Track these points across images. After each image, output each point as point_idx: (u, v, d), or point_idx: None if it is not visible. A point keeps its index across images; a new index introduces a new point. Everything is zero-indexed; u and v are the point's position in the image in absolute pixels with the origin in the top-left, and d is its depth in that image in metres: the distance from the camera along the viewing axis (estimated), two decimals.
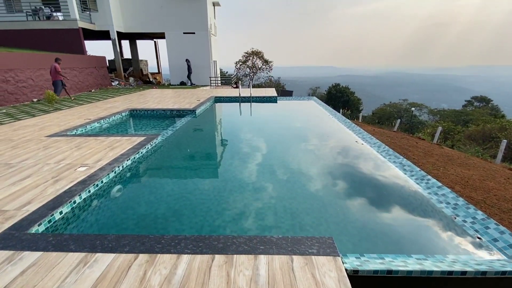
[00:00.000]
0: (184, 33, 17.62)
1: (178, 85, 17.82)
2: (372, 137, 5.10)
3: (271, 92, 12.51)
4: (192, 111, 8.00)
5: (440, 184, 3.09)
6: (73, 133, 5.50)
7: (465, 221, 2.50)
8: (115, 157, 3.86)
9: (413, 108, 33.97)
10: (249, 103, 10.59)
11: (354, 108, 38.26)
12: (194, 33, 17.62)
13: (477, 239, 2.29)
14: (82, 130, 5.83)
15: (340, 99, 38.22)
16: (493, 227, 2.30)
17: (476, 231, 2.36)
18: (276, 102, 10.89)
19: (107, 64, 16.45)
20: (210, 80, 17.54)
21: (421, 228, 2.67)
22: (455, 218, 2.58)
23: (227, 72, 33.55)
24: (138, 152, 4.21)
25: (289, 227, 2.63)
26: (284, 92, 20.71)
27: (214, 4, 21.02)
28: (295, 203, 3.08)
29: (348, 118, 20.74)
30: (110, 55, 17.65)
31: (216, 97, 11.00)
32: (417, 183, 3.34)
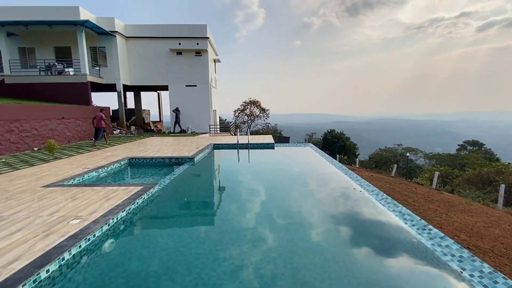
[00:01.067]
0: (186, 86, 18.85)
1: (178, 133, 18.34)
2: (370, 184, 5.11)
3: (269, 139, 12.86)
4: (190, 159, 8.10)
5: (442, 234, 3.02)
6: (70, 183, 5.47)
7: (472, 275, 2.39)
8: (110, 209, 3.80)
9: (408, 154, 34.53)
10: (247, 150, 10.80)
11: (351, 153, 38.83)
12: (195, 85, 18.86)
13: None
14: (79, 180, 5.82)
15: (336, 144, 39.03)
16: (501, 281, 2.19)
17: (485, 286, 2.24)
18: (273, 148, 11.12)
19: (111, 114, 17.15)
20: (210, 128, 18.13)
21: (429, 284, 2.52)
22: (462, 272, 2.46)
23: (226, 119, 34.89)
24: (134, 203, 4.15)
25: (290, 285, 2.48)
26: (281, 138, 21.23)
27: (215, 61, 22.96)
28: (295, 257, 2.95)
29: (346, 163, 20.95)
30: (115, 105, 18.55)
31: (215, 144, 11.26)
32: (419, 233, 3.25)
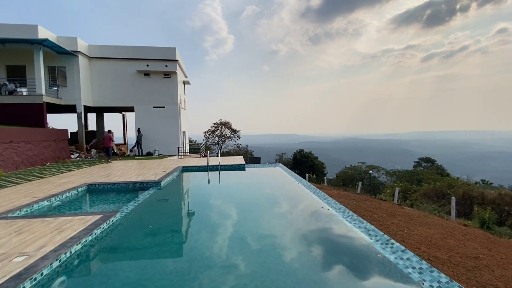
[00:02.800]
0: (154, 107, 18.40)
1: (144, 155, 17.53)
2: (337, 202, 5.29)
3: (239, 160, 12.85)
4: (157, 183, 7.73)
5: (403, 248, 3.19)
6: (16, 214, 4.85)
7: (432, 286, 2.53)
8: (62, 242, 3.41)
9: (371, 171, 36.63)
10: (218, 172, 10.63)
11: (319, 171, 40.16)
12: (164, 107, 18.50)
13: None
14: (26, 211, 5.19)
15: (305, 163, 40.18)
16: None
17: None
18: (244, 169, 11.10)
19: (69, 137, 15.93)
20: (179, 150, 17.65)
21: None
22: (423, 283, 2.60)
23: (196, 141, 34.32)
24: (92, 234, 3.79)
25: None
26: (252, 159, 21.34)
27: (184, 83, 22.94)
28: (267, 281, 2.88)
29: (315, 182, 21.52)
30: (75, 127, 17.33)
31: (184, 167, 10.92)
32: (383, 248, 3.40)
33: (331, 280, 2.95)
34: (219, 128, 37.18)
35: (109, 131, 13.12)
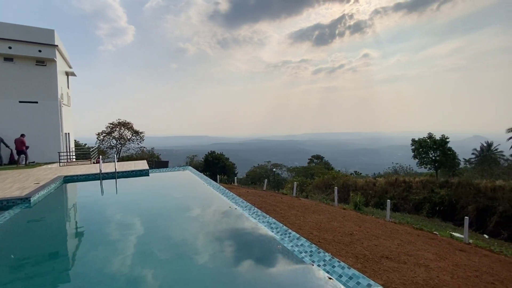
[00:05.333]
0: (20, 102, 14.34)
1: (6, 164, 13.42)
2: (244, 200, 5.50)
3: (142, 164, 11.61)
4: (24, 200, 6.00)
5: (298, 235, 3.59)
6: None
7: (319, 265, 2.94)
8: None
9: (274, 169, 40.39)
10: (114, 180, 9.25)
11: (231, 172, 41.21)
12: (36, 102, 14.68)
13: (329, 279, 2.71)
14: None
15: (217, 165, 40.40)
16: (337, 265, 2.80)
17: (327, 271, 2.81)
18: (148, 175, 10.09)
19: None
20: (60, 156, 14.38)
21: (292, 280, 2.91)
22: (313, 264, 2.99)
23: (85, 144, 28.93)
24: None
25: None
26: (158, 163, 19.81)
27: (67, 74, 18.92)
28: None
29: (226, 183, 21.88)
30: None
31: (66, 176, 8.95)
32: (282, 238, 3.74)
33: (240, 277, 3.01)
34: (117, 129, 32.63)
35: (23, 135, 13.14)
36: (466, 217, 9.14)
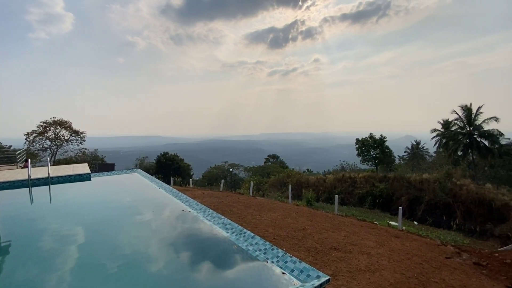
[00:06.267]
0: None
1: None
2: (198, 203, 5.35)
3: (82, 168, 10.43)
4: None
5: (253, 234, 3.63)
6: None
7: (273, 262, 3.01)
8: None
9: (231, 169, 40.28)
10: (48, 186, 8.12)
11: (186, 173, 39.77)
12: None
13: (282, 274, 2.80)
14: None
15: (170, 167, 38.55)
16: (289, 260, 2.91)
17: (281, 267, 2.89)
18: (89, 179, 9.10)
19: None
20: None
21: (247, 278, 2.92)
22: (267, 261, 3.05)
23: (11, 146, 24.88)
24: None
25: None
26: (103, 166, 18.11)
27: None
28: None
29: (181, 185, 21.02)
30: None
31: None
32: (237, 238, 3.74)
33: (195, 281, 2.92)
34: (52, 128, 28.81)
35: None
36: (400, 207, 10.39)
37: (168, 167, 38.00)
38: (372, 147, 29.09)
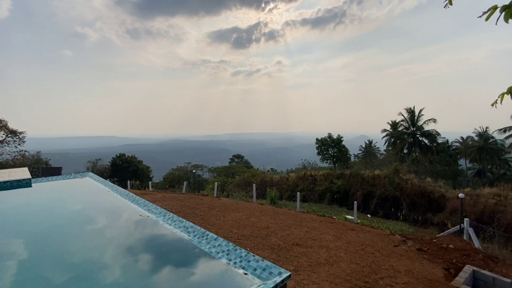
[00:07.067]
0: None
1: None
2: (158, 207, 5.09)
3: (21, 173, 9.20)
4: None
5: (216, 236, 3.57)
6: None
7: (235, 262, 3.00)
8: None
9: (194, 170, 39.28)
10: None
11: (145, 176, 37.65)
12: None
13: (245, 275, 2.80)
14: None
15: (127, 169, 36.13)
16: (252, 259, 2.93)
17: (243, 267, 2.90)
18: (30, 186, 8.06)
19: None
20: None
21: (209, 281, 2.86)
22: (229, 263, 3.03)
23: None
24: None
25: None
26: (47, 170, 16.31)
27: None
28: None
29: (139, 188, 19.82)
30: None
31: None
32: (200, 241, 3.65)
33: None
34: None
35: None
36: (355, 202, 11.17)
37: (124, 170, 35.57)
38: (331, 146, 30.82)
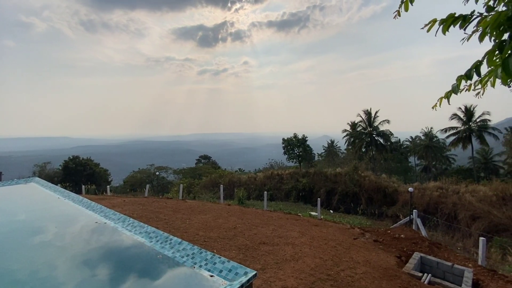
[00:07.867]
0: None
1: None
2: (116, 212, 4.75)
3: None
4: None
5: (180, 240, 3.45)
6: None
7: (201, 266, 2.93)
8: None
9: (157, 172, 37.60)
10: None
11: (102, 180, 35.03)
12: None
13: (211, 277, 2.75)
14: None
15: (82, 173, 33.25)
16: (218, 261, 2.88)
17: (209, 270, 2.84)
18: None
19: None
20: None
21: (174, 287, 2.75)
22: (194, 266, 2.95)
23: None
24: None
25: None
26: None
27: None
28: None
29: (96, 193, 18.34)
30: None
31: None
32: (163, 246, 3.49)
33: None
34: None
35: None
36: (318, 198, 11.69)
37: (78, 174, 32.69)
38: (296, 146, 31.82)
